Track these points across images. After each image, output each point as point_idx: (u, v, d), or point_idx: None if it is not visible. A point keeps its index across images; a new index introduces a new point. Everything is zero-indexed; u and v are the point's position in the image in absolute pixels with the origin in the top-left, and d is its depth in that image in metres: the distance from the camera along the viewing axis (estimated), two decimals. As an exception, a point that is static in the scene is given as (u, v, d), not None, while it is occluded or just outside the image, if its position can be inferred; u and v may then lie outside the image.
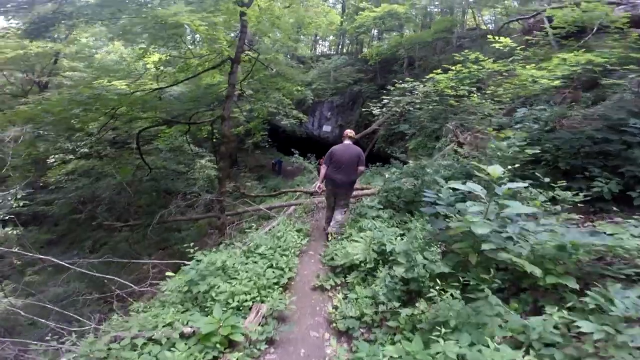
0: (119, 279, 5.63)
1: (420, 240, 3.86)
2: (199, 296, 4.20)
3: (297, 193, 9.44)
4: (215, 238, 8.69)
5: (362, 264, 4.31)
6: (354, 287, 4.32)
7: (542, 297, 3.14)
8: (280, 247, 5.12)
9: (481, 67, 5.54)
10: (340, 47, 31.52)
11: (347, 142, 5.83)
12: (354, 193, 7.62)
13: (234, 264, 4.68)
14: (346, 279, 4.62)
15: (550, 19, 12.48)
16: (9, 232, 13.17)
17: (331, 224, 5.74)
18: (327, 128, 20.71)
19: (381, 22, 21.45)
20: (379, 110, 7.38)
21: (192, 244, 5.13)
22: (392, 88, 6.75)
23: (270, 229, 7.24)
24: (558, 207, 3.89)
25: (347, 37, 29.83)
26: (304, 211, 7.76)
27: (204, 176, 12.29)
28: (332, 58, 26.27)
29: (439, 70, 5.77)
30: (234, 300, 4.02)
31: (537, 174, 4.39)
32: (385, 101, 6.96)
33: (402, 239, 4.51)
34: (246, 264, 4.89)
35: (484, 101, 5.21)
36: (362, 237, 4.75)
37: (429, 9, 24.66)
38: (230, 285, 4.27)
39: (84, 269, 6.67)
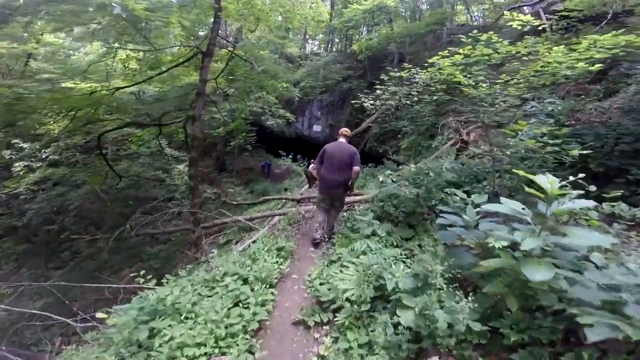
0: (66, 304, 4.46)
1: (431, 273, 2.76)
2: (144, 342, 3.08)
3: (283, 200, 8.29)
4: (189, 254, 7.54)
5: (356, 303, 3.20)
6: (345, 331, 3.22)
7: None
8: (253, 275, 3.98)
9: (494, 51, 4.46)
10: (329, 45, 30.35)
11: (341, 140, 5.33)
12: (346, 200, 6.57)
13: (189, 302, 3.55)
14: (335, 316, 3.51)
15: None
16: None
17: (324, 229, 5.27)
18: (317, 128, 19.56)
19: (370, 16, 20.35)
20: (371, 103, 6.22)
21: (142, 273, 4.01)
22: (386, 78, 5.57)
23: (246, 247, 6.12)
24: (616, 225, 2.80)
25: (336, 35, 28.76)
26: (288, 222, 6.62)
27: (184, 182, 11.07)
28: (321, 55, 25.12)
29: (444, 52, 4.62)
30: (182, 355, 2.90)
31: (579, 180, 3.31)
32: (379, 92, 5.79)
33: (405, 267, 3.41)
34: (209, 297, 3.76)
35: (502, 91, 4.17)
36: (354, 263, 3.64)
37: (417, 4, 23.69)
38: (182, 331, 3.14)
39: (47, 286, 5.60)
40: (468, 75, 4.33)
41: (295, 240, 5.76)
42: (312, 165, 11.76)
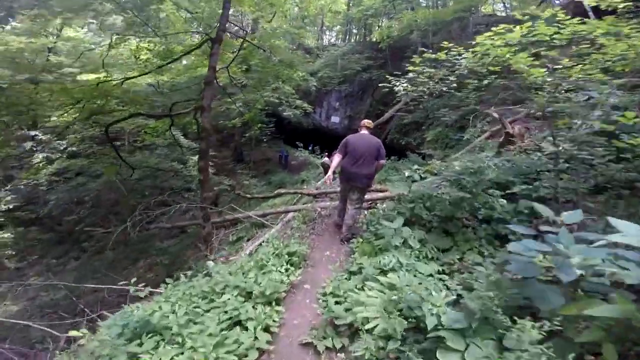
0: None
1: (491, 311, 1.95)
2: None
3: (299, 195, 7.56)
4: (201, 249, 6.96)
5: (381, 338, 2.43)
6: (365, 367, 2.48)
7: None
8: (258, 290, 3.28)
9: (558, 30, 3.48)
10: (347, 36, 29.13)
11: (364, 131, 4.91)
12: (366, 197, 5.81)
13: (180, 319, 2.89)
14: (353, 344, 2.78)
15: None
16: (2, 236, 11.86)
17: (342, 228, 5.05)
18: (335, 119, 18.67)
19: (391, 4, 19.12)
20: (403, 87, 5.35)
21: (133, 280, 3.42)
22: (418, 60, 4.65)
23: (257, 247, 5.46)
24: None
25: (354, 25, 27.52)
26: (303, 221, 5.90)
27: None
28: (339, 46, 24.04)
29: (497, 29, 3.70)
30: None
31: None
32: (412, 75, 4.89)
33: (446, 288, 2.61)
34: (206, 312, 3.10)
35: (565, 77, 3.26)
36: (380, 282, 2.87)
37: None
38: (167, 358, 2.50)
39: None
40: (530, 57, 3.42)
41: (309, 243, 5.04)
42: (325, 159, 11.04)
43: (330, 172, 5.01)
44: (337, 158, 4.85)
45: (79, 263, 9.58)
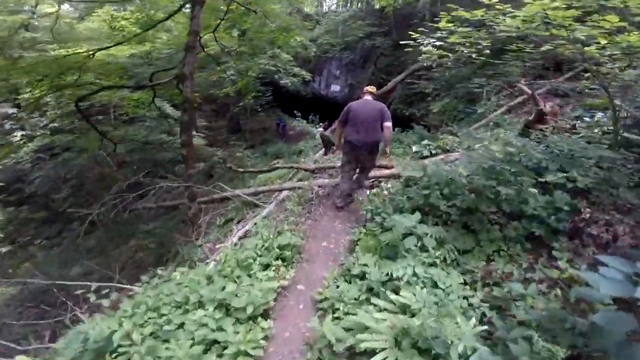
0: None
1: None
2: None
3: (295, 170, 6.88)
4: (184, 234, 6.40)
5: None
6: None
7: None
8: (238, 303, 2.69)
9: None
10: (348, 3, 27.01)
11: (367, 97, 4.62)
12: (370, 174, 5.20)
13: (144, 341, 2.35)
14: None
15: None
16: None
17: (341, 200, 4.82)
18: (335, 87, 17.58)
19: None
20: (432, 48, 4.58)
21: (92, 288, 2.87)
22: (446, 19, 3.78)
23: (243, 235, 4.89)
24: None
25: None
26: (298, 202, 5.27)
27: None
28: (340, 12, 22.35)
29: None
30: None
31: None
32: (442, 35, 4.05)
33: (471, 309, 2.02)
34: (179, 327, 2.55)
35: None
36: (390, 301, 2.27)
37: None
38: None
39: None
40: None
41: (304, 231, 4.44)
42: (322, 129, 10.28)
43: (335, 141, 4.70)
44: (337, 127, 4.54)
45: (68, 243, 9.10)
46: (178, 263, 5.34)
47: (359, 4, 25.20)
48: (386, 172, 5.34)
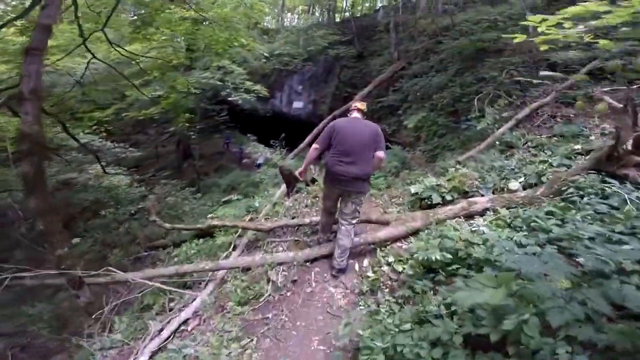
0: None
1: None
2: None
3: (249, 226, 4.67)
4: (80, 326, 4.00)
5: None
6: None
7: None
8: None
9: None
10: (310, 15, 25.68)
11: (356, 115, 3.32)
12: (356, 239, 3.22)
13: None
14: None
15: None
16: None
17: (335, 253, 3.24)
18: (298, 104, 15.71)
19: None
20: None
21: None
22: None
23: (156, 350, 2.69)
24: None
25: (317, 6, 24.14)
26: (242, 299, 3.13)
27: (115, 187, 7.29)
28: (302, 24, 20.87)
29: None
30: None
31: None
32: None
33: None
34: None
35: None
36: None
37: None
38: None
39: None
40: None
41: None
42: (286, 162, 8.23)
43: (303, 166, 3.41)
44: (313, 152, 3.28)
45: None
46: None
47: (320, 19, 23.94)
48: (383, 233, 3.34)
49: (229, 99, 9.19)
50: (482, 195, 3.65)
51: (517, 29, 9.45)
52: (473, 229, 2.96)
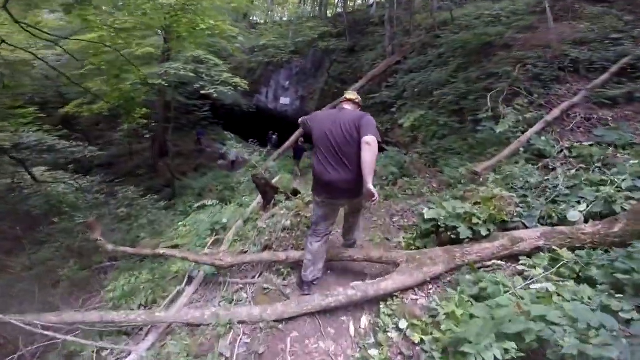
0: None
1: None
2: None
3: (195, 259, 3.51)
4: None
5: None
6: None
7: None
8: None
9: None
10: (301, 9, 24.43)
11: (346, 107, 2.53)
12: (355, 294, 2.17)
13: None
14: None
15: None
16: None
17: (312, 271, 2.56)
18: (285, 100, 14.55)
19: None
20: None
21: None
22: None
23: None
24: None
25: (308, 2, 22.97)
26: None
27: (57, 195, 6.00)
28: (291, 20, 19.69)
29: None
30: None
31: None
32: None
33: None
34: None
35: None
36: None
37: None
38: None
39: None
40: None
41: None
42: (270, 162, 7.12)
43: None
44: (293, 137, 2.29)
45: None
46: None
47: (311, 14, 22.74)
48: (390, 284, 2.26)
49: (202, 92, 7.95)
50: (526, 227, 2.63)
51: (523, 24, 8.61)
52: (530, 283, 1.93)
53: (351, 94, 2.60)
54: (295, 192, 4.32)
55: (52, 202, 6.07)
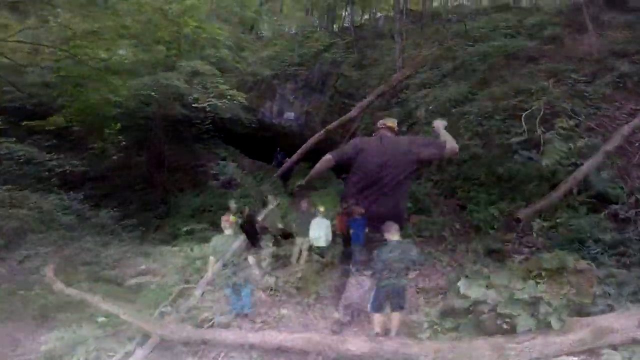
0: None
1: None
2: None
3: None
4: None
5: None
6: None
7: None
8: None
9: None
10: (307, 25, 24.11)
11: (386, 133, 2.67)
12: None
13: None
14: None
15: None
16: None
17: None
18: (289, 115, 13.87)
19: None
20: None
21: None
22: None
23: None
24: None
25: (316, 15, 22.51)
26: None
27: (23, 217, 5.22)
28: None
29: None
30: None
31: None
32: None
33: None
34: None
35: None
36: None
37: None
38: None
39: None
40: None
41: None
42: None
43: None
44: (324, 163, 2.52)
45: None
46: None
47: (319, 27, 22.33)
48: None
49: (194, 105, 7.22)
50: (611, 310, 1.72)
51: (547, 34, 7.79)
52: None
53: (391, 122, 2.71)
54: (287, 235, 3.43)
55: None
